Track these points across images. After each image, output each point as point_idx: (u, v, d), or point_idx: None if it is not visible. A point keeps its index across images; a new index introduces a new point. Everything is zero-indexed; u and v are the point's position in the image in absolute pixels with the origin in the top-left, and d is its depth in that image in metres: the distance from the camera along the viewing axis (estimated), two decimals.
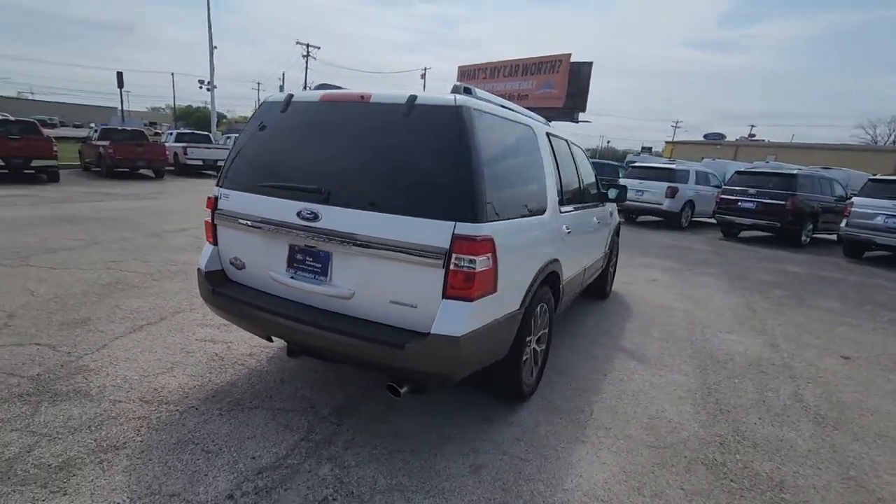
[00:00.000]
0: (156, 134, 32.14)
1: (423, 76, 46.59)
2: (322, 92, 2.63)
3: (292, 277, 2.49)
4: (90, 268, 4.96)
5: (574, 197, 3.66)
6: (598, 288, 5.22)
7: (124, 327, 3.60)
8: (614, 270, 5.69)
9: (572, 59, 33.13)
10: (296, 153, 2.57)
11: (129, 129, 17.11)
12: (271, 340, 2.77)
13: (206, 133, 20.69)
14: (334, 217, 2.33)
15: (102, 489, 2.00)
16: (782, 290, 6.42)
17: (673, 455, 2.55)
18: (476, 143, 2.22)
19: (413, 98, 2.32)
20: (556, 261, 3.02)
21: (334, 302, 2.40)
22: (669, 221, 12.51)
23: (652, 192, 12.57)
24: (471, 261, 2.11)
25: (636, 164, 14.17)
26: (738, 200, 11.02)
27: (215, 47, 23.58)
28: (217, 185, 2.77)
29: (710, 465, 2.50)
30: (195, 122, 70.87)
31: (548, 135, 3.36)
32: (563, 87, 33.03)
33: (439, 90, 2.76)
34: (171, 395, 2.75)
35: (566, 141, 3.86)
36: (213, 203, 2.75)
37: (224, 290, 2.67)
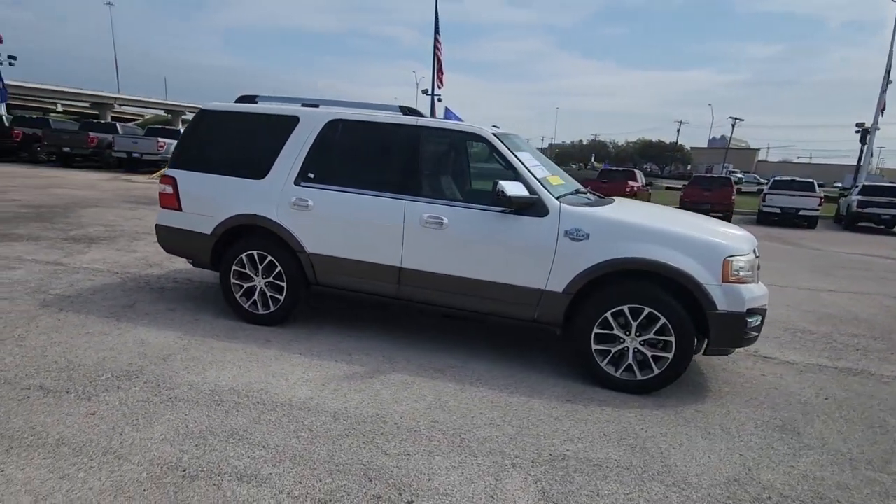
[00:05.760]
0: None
1: None
2: None
3: None
4: None
5: (368, 183, 3.60)
6: (576, 353, 3.34)
7: None
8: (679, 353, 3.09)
9: None
10: None
11: (714, 176, 18.42)
12: None
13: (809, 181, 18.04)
14: None
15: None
16: None
17: None
18: (191, 130, 4.01)
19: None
20: (264, 218, 3.70)
21: None
22: None
23: None
24: (162, 187, 4.05)
25: None
26: None
27: (891, 82, 19.30)
28: None
29: None
30: None
31: (337, 121, 3.69)
32: None
33: None
34: None
35: (413, 124, 3.57)
36: None
37: None
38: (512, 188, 3.13)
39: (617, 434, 2.72)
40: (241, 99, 4.16)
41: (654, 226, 3.19)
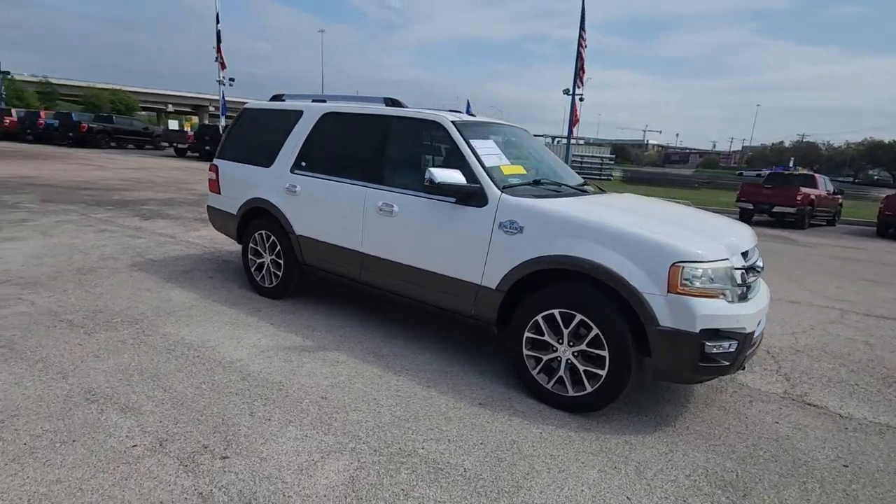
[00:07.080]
0: None
1: None
2: None
3: None
4: None
5: (342, 170, 3.81)
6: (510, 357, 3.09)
7: None
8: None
9: None
10: None
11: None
12: None
13: None
14: None
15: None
16: None
17: None
18: (233, 125, 4.69)
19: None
20: (267, 201, 4.16)
21: None
22: None
23: None
24: (210, 174, 4.81)
25: None
26: None
27: None
28: None
29: None
30: None
31: (329, 114, 3.97)
32: None
33: None
34: None
35: (383, 114, 3.67)
36: None
37: None
38: (442, 175, 3.01)
39: (496, 445, 2.46)
40: (274, 98, 4.72)
41: (594, 220, 2.76)
